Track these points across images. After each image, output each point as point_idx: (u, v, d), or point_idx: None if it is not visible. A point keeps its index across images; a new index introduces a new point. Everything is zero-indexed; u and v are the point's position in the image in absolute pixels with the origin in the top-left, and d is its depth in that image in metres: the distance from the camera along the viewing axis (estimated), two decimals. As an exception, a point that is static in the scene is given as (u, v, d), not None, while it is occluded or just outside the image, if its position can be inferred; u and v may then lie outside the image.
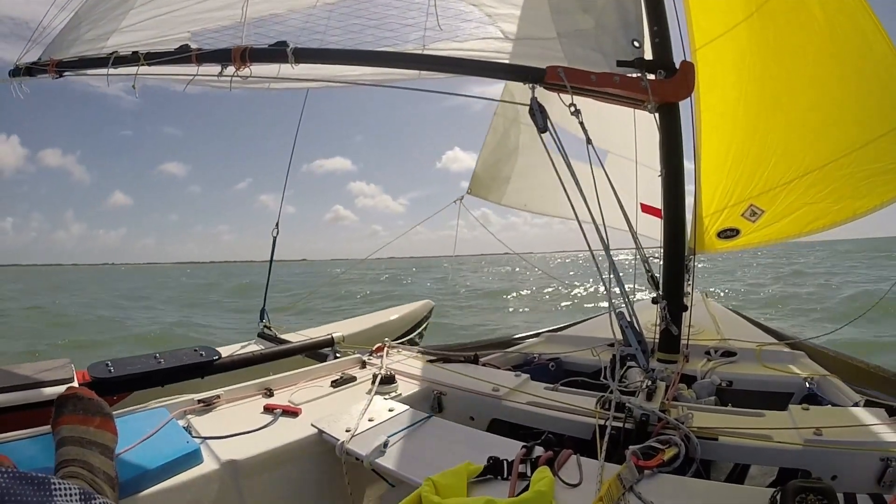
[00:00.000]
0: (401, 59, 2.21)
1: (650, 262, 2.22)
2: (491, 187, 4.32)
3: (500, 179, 4.31)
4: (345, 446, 1.55)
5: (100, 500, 0.93)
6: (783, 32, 2.73)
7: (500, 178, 4.31)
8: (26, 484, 0.83)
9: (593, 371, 2.44)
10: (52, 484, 0.87)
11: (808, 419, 1.57)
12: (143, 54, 2.34)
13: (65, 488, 0.88)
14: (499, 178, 4.31)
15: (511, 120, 4.20)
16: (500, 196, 4.33)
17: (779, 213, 2.89)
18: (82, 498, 0.90)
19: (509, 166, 4.29)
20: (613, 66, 2.13)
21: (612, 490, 1.18)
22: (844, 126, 2.66)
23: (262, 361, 2.87)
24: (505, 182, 4.31)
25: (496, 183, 4.32)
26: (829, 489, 1.03)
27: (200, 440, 1.61)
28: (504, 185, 4.32)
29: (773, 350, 2.53)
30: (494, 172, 4.31)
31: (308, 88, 3.01)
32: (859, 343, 7.24)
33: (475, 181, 4.31)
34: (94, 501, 0.91)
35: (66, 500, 0.86)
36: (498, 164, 4.30)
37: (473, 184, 4.31)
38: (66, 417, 1.30)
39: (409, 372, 2.32)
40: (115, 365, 2.46)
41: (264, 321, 3.67)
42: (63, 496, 0.87)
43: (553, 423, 1.79)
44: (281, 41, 2.22)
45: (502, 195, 4.33)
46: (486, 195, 4.33)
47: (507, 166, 4.29)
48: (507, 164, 4.29)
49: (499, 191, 4.33)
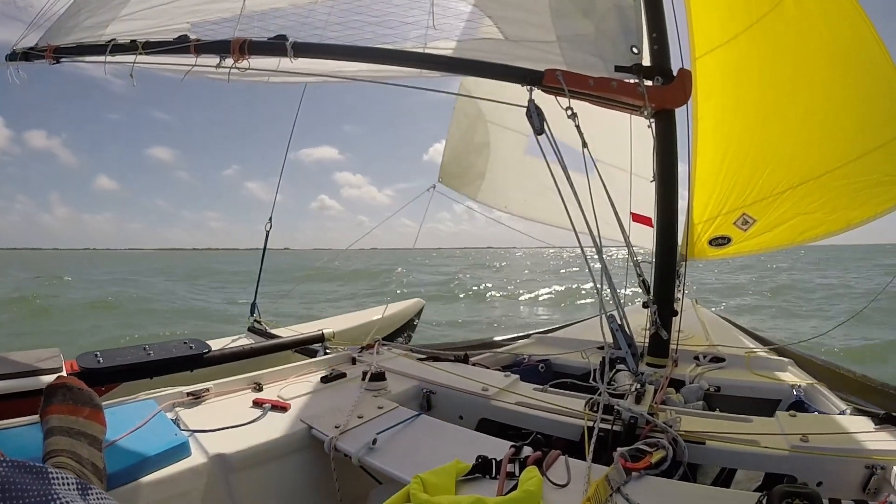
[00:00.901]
0: (400, 57, 2.21)
1: (641, 267, 2.23)
2: (463, 179, 4.34)
3: (473, 173, 4.33)
4: (334, 442, 1.55)
5: (96, 491, 0.92)
6: (782, 44, 2.75)
7: (473, 172, 4.33)
8: (25, 473, 0.83)
9: (583, 373, 2.45)
10: (50, 473, 0.87)
11: (795, 426, 1.59)
12: (142, 43, 2.32)
13: (62, 478, 0.88)
14: (471, 171, 4.33)
15: (474, 116, 4.23)
16: (475, 191, 4.35)
17: (771, 223, 2.92)
18: (79, 488, 0.89)
19: (482, 160, 4.31)
20: (611, 71, 2.14)
21: (600, 491, 1.19)
22: (840, 137, 2.69)
23: (251, 356, 2.86)
24: (479, 177, 4.33)
25: (469, 176, 4.34)
26: (815, 494, 1.04)
27: (189, 433, 1.61)
28: (478, 181, 4.34)
29: (761, 357, 2.55)
30: (465, 163, 4.33)
31: (306, 83, 3.01)
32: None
33: (444, 170, 4.34)
34: (90, 491, 0.91)
35: (64, 489, 0.86)
36: (467, 155, 4.32)
37: (443, 173, 4.33)
38: (55, 407, 1.29)
39: (399, 370, 2.32)
40: (105, 356, 2.44)
41: (255, 315, 3.66)
42: (61, 485, 0.86)
43: (542, 424, 1.80)
44: (280, 35, 2.22)
45: (477, 190, 4.34)
46: (459, 187, 4.34)
47: (480, 160, 4.31)
48: (478, 157, 4.31)
49: (472, 185, 4.35)
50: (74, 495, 0.86)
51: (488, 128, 4.23)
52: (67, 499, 0.82)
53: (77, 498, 0.86)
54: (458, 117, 4.29)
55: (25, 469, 0.83)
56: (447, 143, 4.36)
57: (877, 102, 2.61)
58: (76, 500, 0.85)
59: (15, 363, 2.23)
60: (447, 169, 4.33)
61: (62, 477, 0.88)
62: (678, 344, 2.58)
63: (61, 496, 0.82)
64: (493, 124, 4.22)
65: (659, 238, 2.42)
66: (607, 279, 1.89)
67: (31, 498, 0.78)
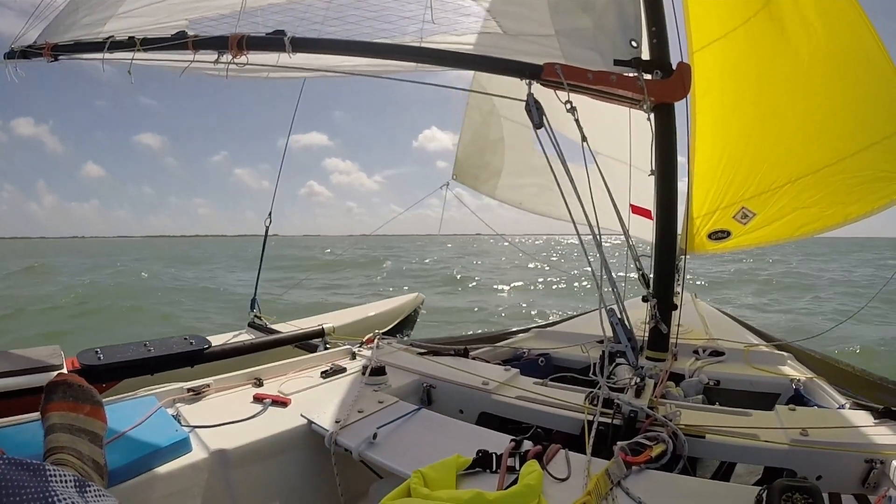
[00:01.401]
0: (399, 51, 2.20)
1: (640, 261, 2.23)
2: (479, 177, 4.31)
3: (490, 171, 4.30)
4: (334, 437, 1.56)
5: (94, 488, 0.92)
6: (780, 38, 2.74)
7: (490, 170, 4.30)
8: (23, 470, 0.83)
9: (583, 367, 2.45)
10: (48, 471, 0.86)
11: (795, 419, 1.59)
12: (140, 40, 2.32)
13: (60, 475, 0.88)
14: (487, 168, 4.30)
15: (487, 112, 4.18)
16: (493, 189, 4.31)
17: (770, 217, 2.92)
18: (77, 485, 0.89)
19: (497, 158, 4.27)
20: (610, 65, 2.13)
21: (600, 485, 1.19)
22: (838, 133, 2.68)
23: (251, 351, 2.87)
24: (495, 175, 4.29)
25: (485, 174, 4.31)
26: (815, 488, 1.04)
27: (189, 429, 1.61)
28: (495, 178, 4.30)
29: (760, 351, 2.55)
30: (479, 161, 4.30)
31: (305, 78, 3.00)
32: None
33: (459, 167, 4.32)
34: (89, 488, 0.91)
35: (62, 486, 0.86)
36: (483, 153, 4.29)
37: (457, 170, 4.31)
38: (55, 404, 1.29)
39: (399, 364, 2.33)
40: (105, 352, 2.44)
41: (255, 311, 3.66)
42: (59, 483, 0.86)
43: (542, 418, 1.80)
44: (279, 30, 2.21)
45: (494, 188, 4.31)
46: (475, 185, 4.32)
47: (496, 158, 4.27)
48: (494, 154, 4.27)
49: (488, 183, 4.31)
50: (72, 492, 0.86)
51: (501, 122, 4.18)
52: (65, 496, 0.82)
53: (75, 495, 0.86)
54: (470, 114, 4.25)
55: (23, 466, 0.83)
56: (460, 140, 4.33)
57: (874, 99, 2.60)
58: (74, 498, 0.84)
59: (15, 360, 2.23)
60: (462, 167, 4.31)
61: (60, 474, 0.88)
62: (677, 338, 2.58)
63: (59, 493, 0.82)
64: (506, 119, 4.17)
65: (658, 231, 2.42)
66: (607, 273, 1.89)
67: (27, 495, 0.78)
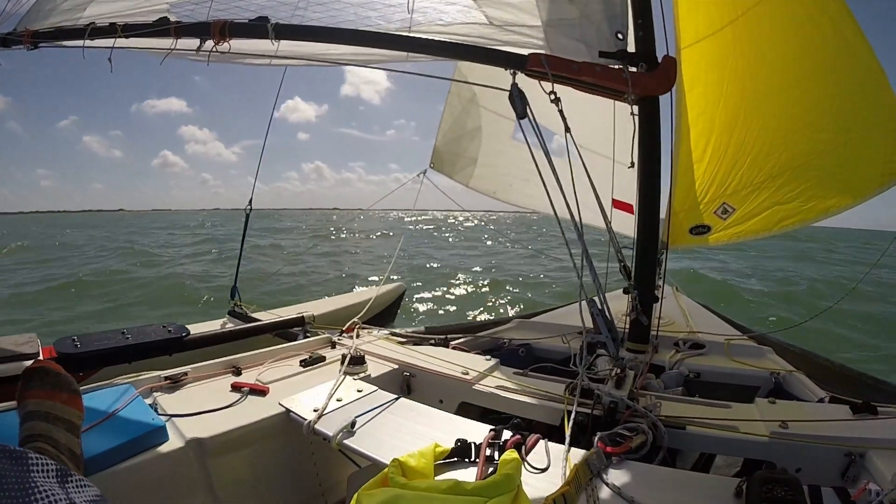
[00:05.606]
0: (384, 40, 2.18)
1: (622, 253, 2.25)
2: (455, 165, 4.31)
3: (466, 159, 4.30)
4: (312, 426, 1.55)
5: (76, 478, 0.90)
6: (766, 36, 2.76)
7: (466, 158, 4.30)
8: (4, 457, 0.80)
9: (563, 358, 2.47)
10: (30, 458, 0.84)
11: (775, 412, 1.62)
12: (121, 26, 2.27)
13: (42, 464, 0.86)
14: (464, 156, 4.30)
15: (468, 100, 4.17)
16: (468, 178, 4.32)
17: (749, 212, 2.95)
18: (58, 474, 0.87)
19: (474, 146, 4.27)
20: (596, 56, 2.13)
21: (580, 475, 1.20)
22: (818, 128, 2.71)
23: (231, 339, 2.84)
24: (471, 163, 4.30)
25: (461, 161, 4.31)
26: (795, 481, 1.06)
27: (166, 418, 1.60)
28: (471, 167, 4.30)
29: (740, 344, 2.58)
30: (457, 149, 4.30)
31: (286, 66, 2.96)
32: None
33: (436, 156, 4.31)
34: (70, 479, 0.89)
35: (43, 476, 0.84)
36: (459, 140, 4.28)
37: (435, 158, 4.30)
38: (32, 391, 1.26)
39: (379, 353, 2.32)
40: (82, 340, 2.40)
41: (235, 299, 3.62)
42: (40, 472, 0.84)
43: (522, 408, 1.81)
44: (262, 16, 2.18)
45: (469, 177, 4.32)
46: (451, 173, 4.32)
47: (472, 146, 4.27)
48: (470, 143, 4.27)
49: (464, 171, 4.32)
50: (52, 483, 0.84)
51: (480, 111, 4.17)
52: (45, 487, 0.80)
53: (55, 486, 0.84)
54: (451, 101, 4.23)
55: (4, 453, 0.81)
56: (440, 128, 4.31)
57: (854, 94, 2.63)
58: (54, 489, 0.82)
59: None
60: (439, 155, 4.30)
61: (42, 462, 0.86)
62: (658, 330, 2.61)
63: (39, 485, 0.80)
64: (485, 109, 4.16)
65: (640, 225, 2.44)
66: (588, 265, 1.89)
67: (7, 484, 0.76)
